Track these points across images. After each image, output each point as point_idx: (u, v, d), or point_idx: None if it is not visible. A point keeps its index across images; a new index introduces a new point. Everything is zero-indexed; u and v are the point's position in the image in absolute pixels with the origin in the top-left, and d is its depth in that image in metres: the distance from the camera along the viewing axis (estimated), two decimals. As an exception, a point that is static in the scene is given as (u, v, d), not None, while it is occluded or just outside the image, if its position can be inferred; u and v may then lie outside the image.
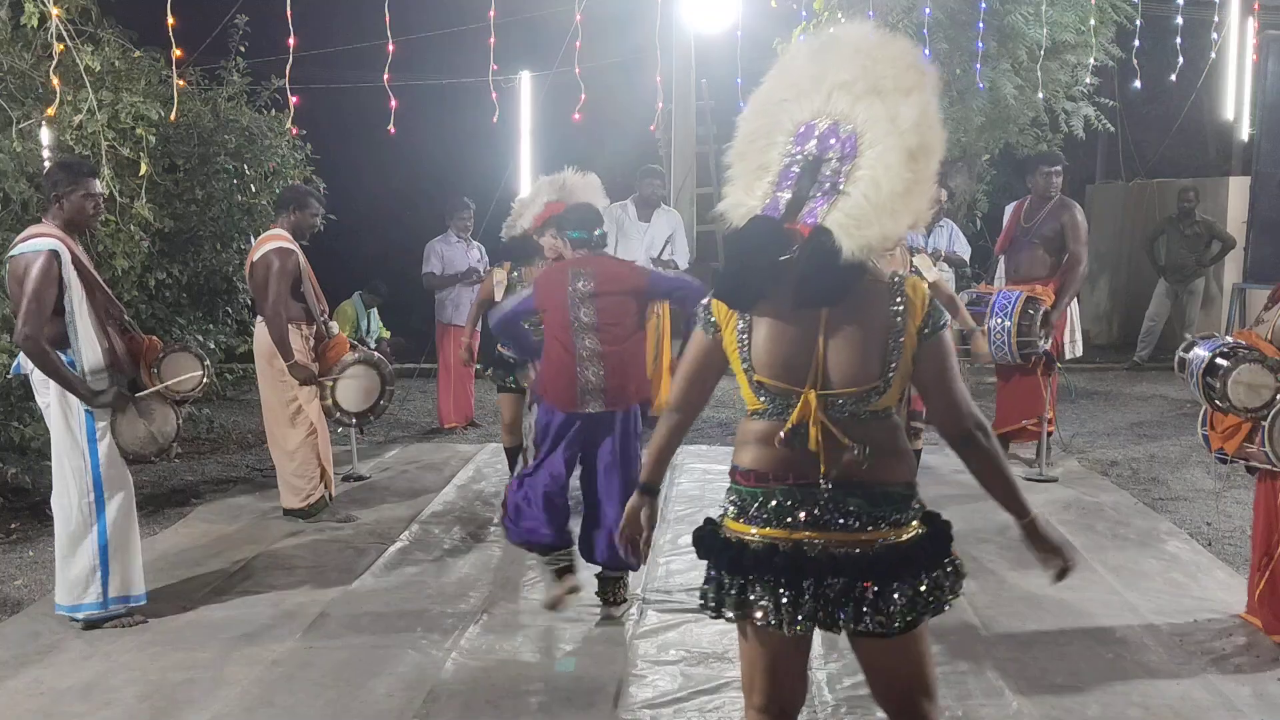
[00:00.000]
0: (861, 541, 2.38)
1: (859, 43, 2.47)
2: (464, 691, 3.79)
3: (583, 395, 4.35)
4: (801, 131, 2.45)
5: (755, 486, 2.46)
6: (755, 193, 2.48)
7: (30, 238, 4.19)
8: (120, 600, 4.34)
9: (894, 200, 2.34)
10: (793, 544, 2.40)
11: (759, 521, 2.44)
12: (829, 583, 2.36)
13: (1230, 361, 3.95)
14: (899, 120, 2.35)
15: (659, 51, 8.52)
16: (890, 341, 2.39)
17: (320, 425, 5.76)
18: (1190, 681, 3.81)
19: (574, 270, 4.44)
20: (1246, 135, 10.14)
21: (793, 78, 2.51)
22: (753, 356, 2.44)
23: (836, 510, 2.39)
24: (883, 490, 2.40)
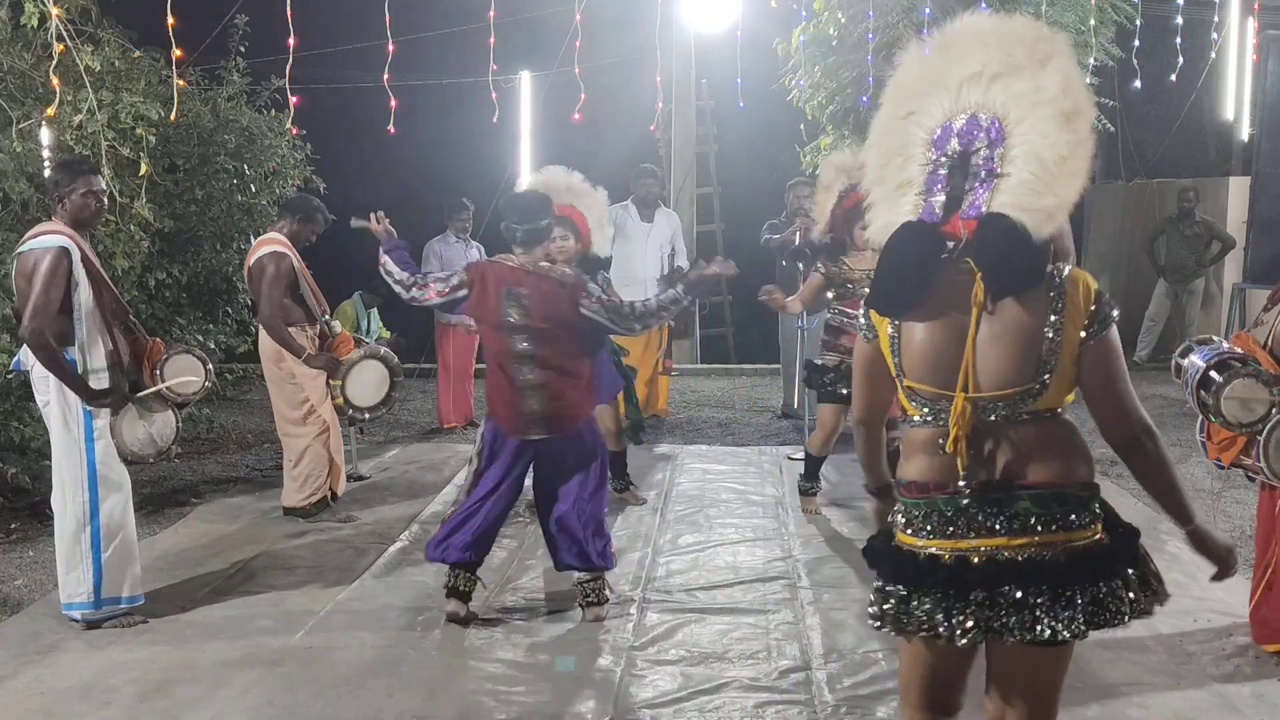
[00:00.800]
0: (1033, 546, 2.28)
1: (977, 32, 2.43)
2: (464, 691, 3.79)
3: (526, 423, 4.28)
4: (938, 136, 2.41)
5: (918, 498, 2.38)
6: (902, 208, 2.44)
7: (40, 234, 4.19)
8: (114, 601, 4.33)
9: (1060, 165, 2.28)
10: (957, 555, 2.30)
11: (924, 534, 2.36)
12: (1001, 591, 2.27)
13: (1224, 376, 3.90)
14: (1044, 90, 2.30)
15: (659, 51, 8.52)
16: (1047, 341, 2.30)
17: (333, 423, 5.77)
18: (1190, 682, 3.81)
19: (508, 290, 4.24)
20: (1246, 135, 10.14)
21: (910, 90, 2.49)
22: (904, 362, 2.39)
23: (1000, 515, 2.29)
24: (1053, 492, 2.30)
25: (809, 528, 5.67)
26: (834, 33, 8.73)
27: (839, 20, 8.64)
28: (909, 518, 2.40)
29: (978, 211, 2.32)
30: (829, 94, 8.92)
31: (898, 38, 8.26)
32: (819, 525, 5.72)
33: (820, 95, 9.00)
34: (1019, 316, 2.30)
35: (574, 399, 4.32)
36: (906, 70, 2.53)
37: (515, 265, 4.30)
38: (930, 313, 2.35)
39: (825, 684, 3.82)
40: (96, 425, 4.23)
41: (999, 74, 2.35)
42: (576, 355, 4.32)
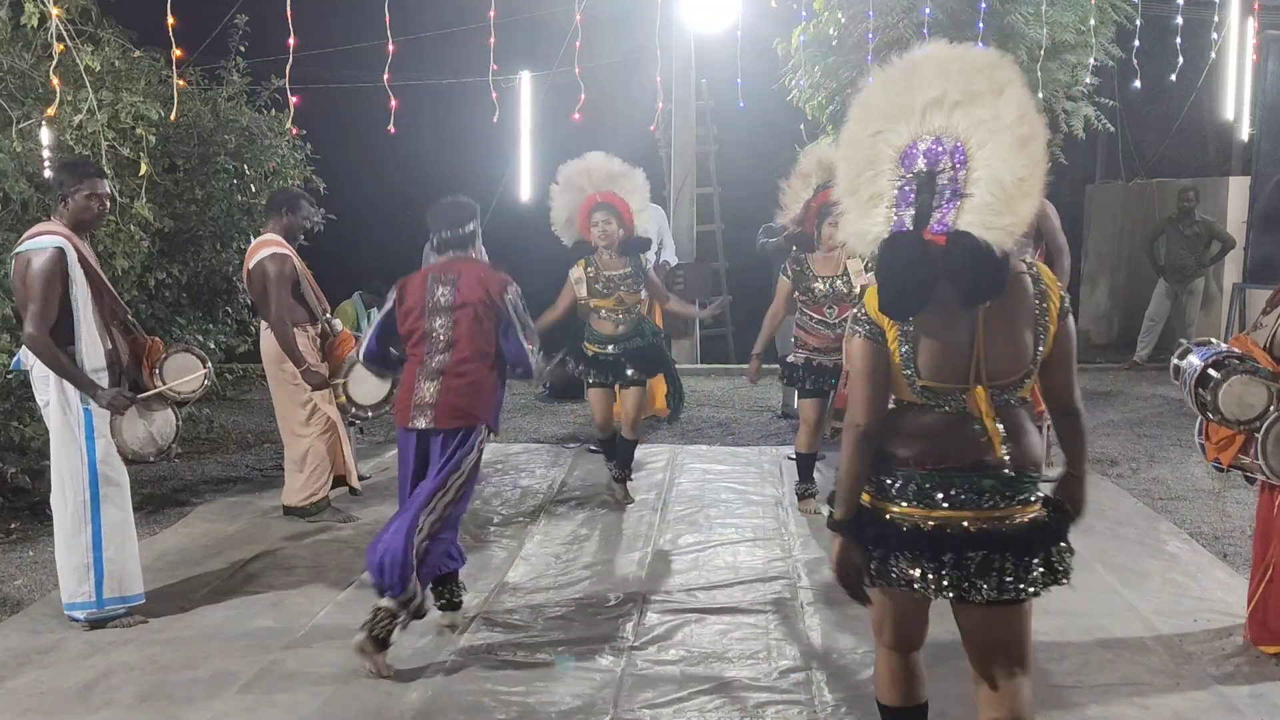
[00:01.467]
0: (997, 518, 2.61)
1: (939, 60, 2.65)
2: (464, 691, 3.79)
3: (415, 410, 4.11)
4: (906, 155, 2.64)
5: (909, 470, 2.68)
6: (876, 219, 2.67)
7: (36, 235, 4.19)
8: (117, 600, 4.33)
9: (1018, 186, 2.54)
10: (933, 522, 2.62)
11: (903, 500, 2.67)
12: (969, 556, 2.59)
13: (1222, 373, 3.91)
14: (1002, 117, 2.55)
15: (659, 51, 8.53)
16: (1038, 327, 2.64)
17: (337, 420, 5.76)
18: (1190, 682, 3.81)
19: (435, 276, 4.16)
20: (1246, 135, 10.12)
21: (878, 110, 2.69)
22: (917, 363, 2.64)
23: (969, 489, 2.62)
24: (1015, 474, 2.64)
25: (809, 528, 5.67)
26: (834, 33, 8.72)
27: (839, 20, 8.63)
28: (888, 486, 2.70)
29: (944, 227, 2.59)
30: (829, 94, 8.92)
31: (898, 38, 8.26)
32: (819, 525, 5.72)
33: (820, 95, 9.00)
34: (1014, 314, 2.62)
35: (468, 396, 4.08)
36: (872, 92, 2.74)
37: (444, 261, 4.24)
38: (936, 315, 2.61)
39: (825, 684, 3.83)
40: (97, 424, 4.23)
41: (960, 101, 2.58)
42: (486, 351, 4.12)
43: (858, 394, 2.70)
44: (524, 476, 6.85)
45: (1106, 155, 14.74)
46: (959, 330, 2.61)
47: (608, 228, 5.67)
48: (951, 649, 3.03)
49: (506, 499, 6.31)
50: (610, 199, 5.71)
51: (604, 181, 5.74)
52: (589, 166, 5.77)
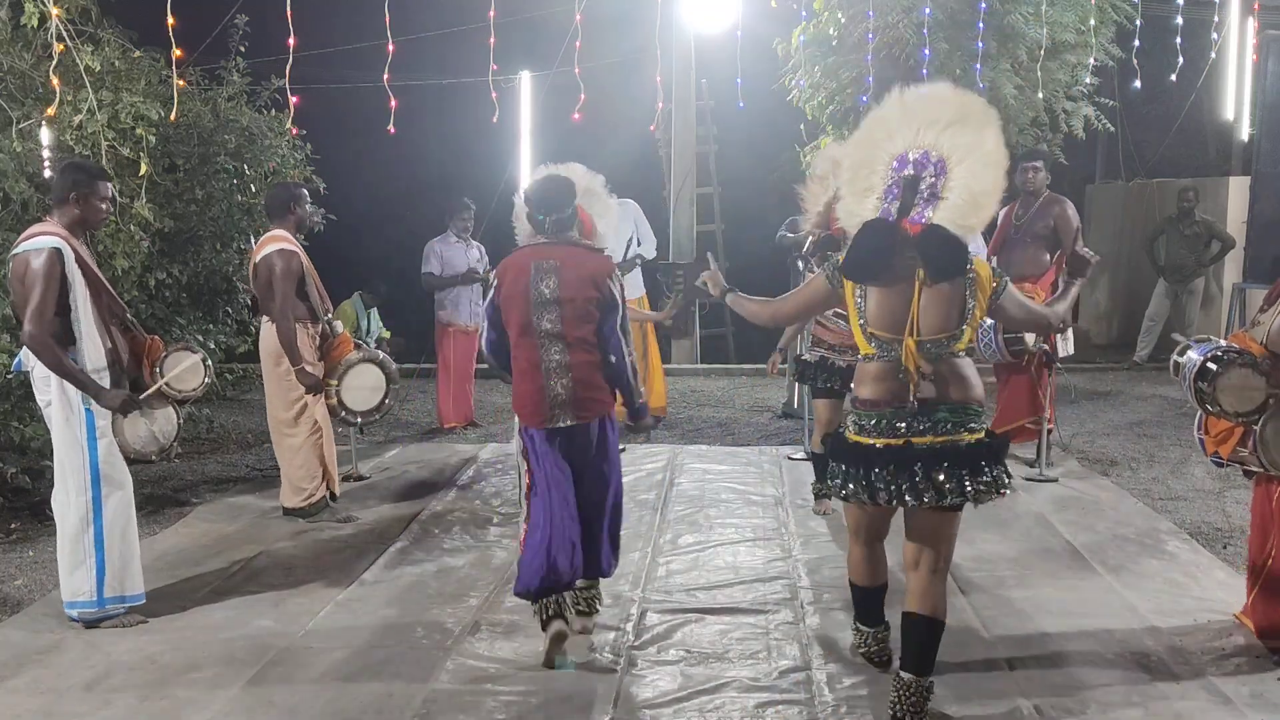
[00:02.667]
0: (950, 441, 3.37)
1: (943, 95, 3.49)
2: (464, 691, 3.79)
3: (552, 410, 4.02)
4: (898, 161, 3.44)
5: (870, 410, 3.46)
6: (866, 206, 3.49)
7: (33, 236, 4.19)
8: (117, 600, 4.34)
9: (985, 198, 3.37)
10: (899, 446, 3.39)
11: (875, 433, 3.43)
12: (922, 468, 3.34)
13: (1220, 366, 3.94)
14: (983, 144, 3.39)
15: (659, 51, 8.53)
16: (965, 301, 3.41)
17: (325, 425, 5.76)
18: (1190, 681, 3.81)
19: (538, 263, 4.02)
20: (1246, 135, 10.12)
21: (886, 124, 3.50)
22: (868, 314, 3.46)
23: (929, 420, 3.38)
24: (963, 406, 3.42)
25: (809, 528, 5.67)
26: (834, 33, 8.73)
27: (839, 20, 8.64)
28: (862, 424, 3.48)
29: (922, 220, 3.38)
30: (829, 94, 8.93)
31: (898, 38, 8.27)
32: (819, 525, 5.72)
33: (820, 95, 9.00)
34: (947, 289, 3.40)
35: (598, 383, 4.06)
36: (886, 108, 3.54)
37: (543, 243, 4.11)
38: (888, 282, 3.42)
39: (825, 684, 3.83)
40: (99, 425, 4.24)
41: (952, 123, 3.40)
42: (600, 336, 4.05)
43: (790, 304, 3.77)
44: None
45: (1106, 155, 14.75)
46: (901, 296, 3.41)
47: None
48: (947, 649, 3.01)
49: (507, 499, 6.31)
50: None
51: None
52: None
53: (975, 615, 4.42)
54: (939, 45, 8.23)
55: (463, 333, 8.24)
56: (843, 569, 5.01)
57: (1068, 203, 6.71)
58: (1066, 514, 5.85)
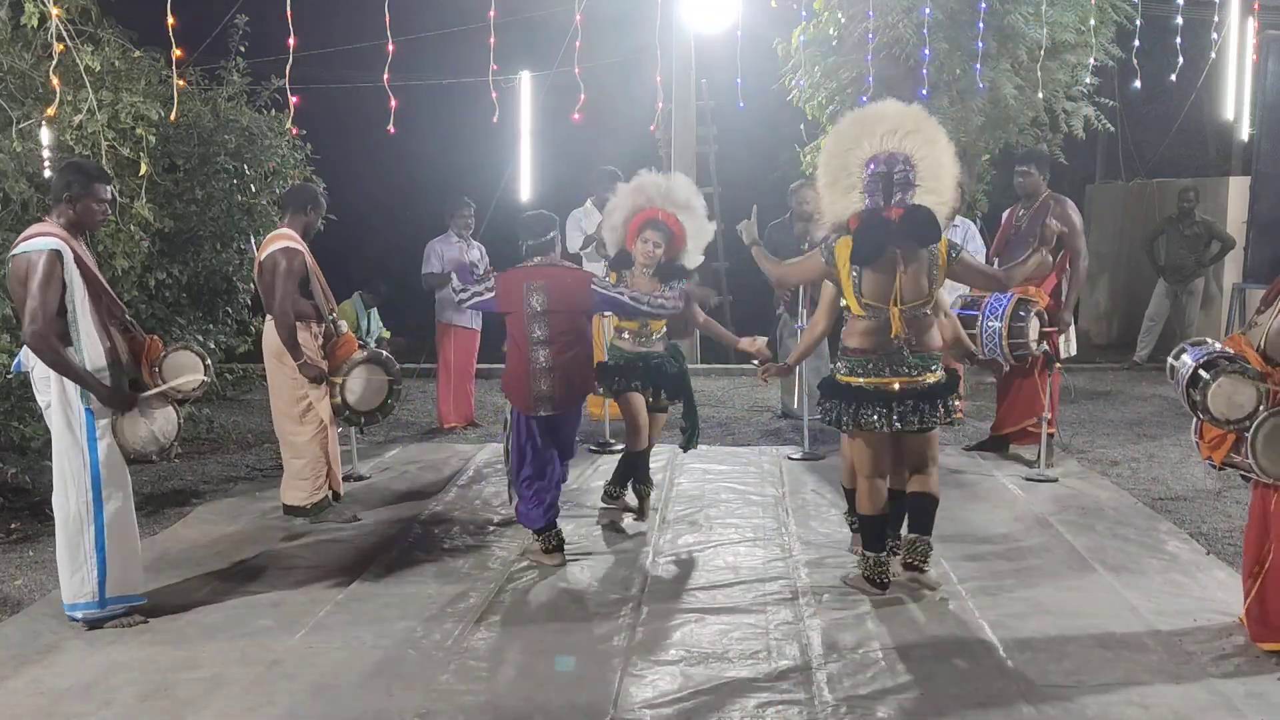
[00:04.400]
0: (918, 380, 4.50)
1: (895, 109, 4.47)
2: (464, 691, 3.79)
3: (536, 402, 5.01)
4: (870, 162, 4.39)
5: (860, 356, 4.52)
6: (851, 200, 4.43)
7: (32, 237, 4.19)
8: (119, 600, 4.34)
9: (949, 183, 4.44)
10: (883, 385, 4.49)
11: (863, 374, 4.51)
12: (907, 404, 4.46)
13: (1211, 374, 3.93)
14: (939, 139, 4.43)
15: (659, 51, 8.52)
16: (932, 271, 4.46)
17: (329, 423, 5.75)
18: (1190, 682, 3.81)
19: (528, 284, 4.97)
20: (1246, 135, 10.12)
21: (848, 137, 4.47)
22: (862, 287, 4.46)
23: (905, 365, 4.48)
24: (928, 354, 4.53)
25: (809, 528, 5.67)
26: (834, 33, 8.73)
27: (839, 20, 8.63)
28: (852, 368, 4.53)
29: (903, 204, 4.36)
30: (829, 94, 8.92)
31: (898, 38, 8.27)
32: (819, 525, 5.72)
33: (820, 95, 9.00)
34: (919, 265, 4.45)
35: (579, 379, 5.10)
36: (844, 124, 4.57)
37: (531, 266, 5.07)
38: (880, 262, 4.41)
39: (825, 684, 3.83)
40: (99, 425, 4.24)
41: (910, 131, 4.38)
42: (578, 340, 5.05)
43: (794, 271, 5.04)
44: (524, 476, 6.85)
45: (1106, 155, 14.75)
46: (887, 273, 4.41)
47: (655, 249, 5.49)
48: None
49: (506, 499, 6.30)
50: (671, 222, 5.54)
51: (676, 205, 5.57)
52: (671, 185, 5.60)
53: (975, 615, 4.42)
54: (939, 45, 8.23)
55: (463, 332, 8.24)
56: (843, 567, 5.04)
57: (1068, 202, 6.69)
58: (1066, 514, 5.85)
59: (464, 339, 8.27)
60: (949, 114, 8.34)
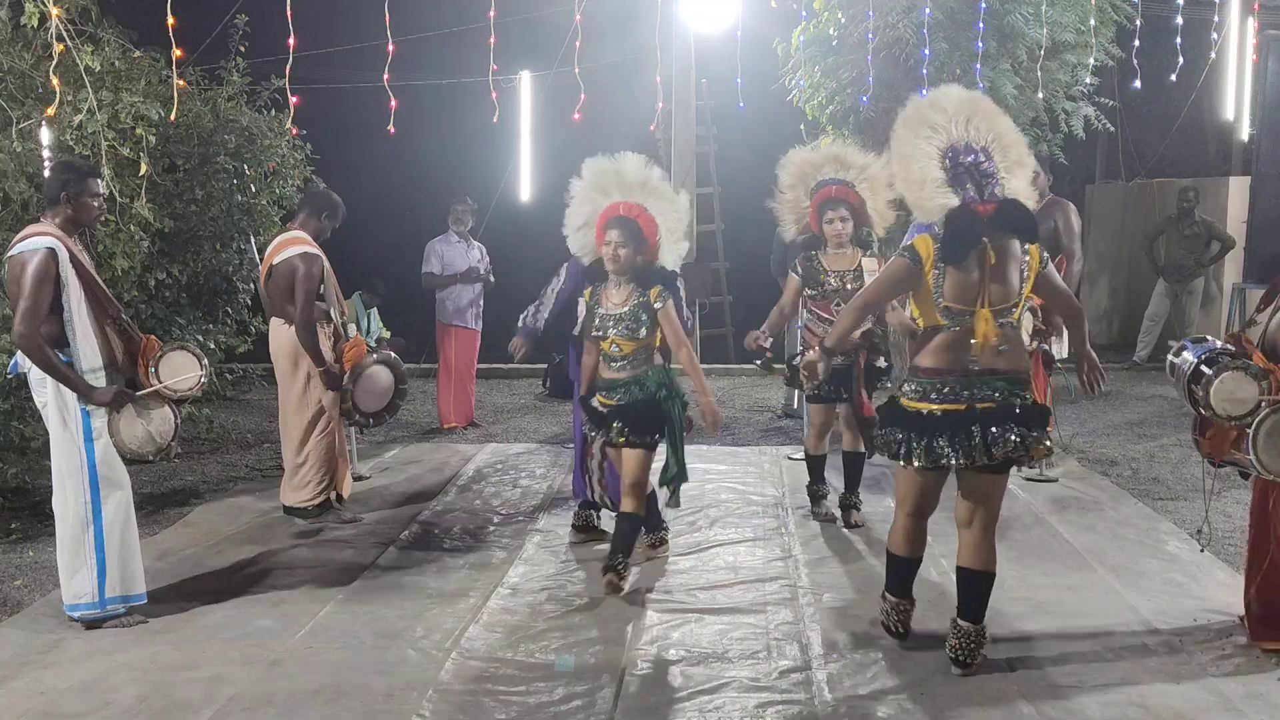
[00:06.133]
0: (1003, 406, 3.73)
1: (959, 94, 3.96)
2: (464, 691, 3.79)
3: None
4: (949, 154, 3.83)
5: (936, 378, 3.78)
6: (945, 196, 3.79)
7: (27, 237, 4.19)
8: (119, 600, 4.33)
9: (1023, 170, 3.92)
10: (962, 411, 3.73)
11: (938, 399, 3.76)
12: (991, 431, 3.68)
13: (1213, 369, 3.94)
14: (1008, 131, 3.93)
15: (659, 51, 8.52)
16: (1022, 273, 3.81)
17: (337, 425, 5.75)
18: (1190, 681, 3.81)
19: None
20: (1246, 135, 10.12)
21: (918, 128, 3.89)
22: (944, 289, 3.78)
23: (990, 386, 3.74)
24: (1015, 374, 3.78)
25: (809, 528, 5.67)
26: (834, 33, 8.72)
27: (839, 20, 8.62)
28: (924, 390, 3.79)
29: (994, 198, 3.75)
30: (829, 94, 8.91)
31: (898, 38, 8.26)
32: (819, 525, 5.72)
33: (820, 95, 8.99)
34: (1011, 263, 3.80)
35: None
36: (914, 110, 3.95)
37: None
38: (967, 261, 3.75)
39: (825, 684, 3.83)
40: (95, 425, 4.23)
41: (972, 119, 3.88)
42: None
43: (880, 284, 3.99)
44: (524, 477, 6.85)
45: (1106, 155, 14.73)
46: (974, 270, 3.74)
47: (619, 250, 4.66)
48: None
49: (506, 499, 6.31)
50: (635, 213, 4.71)
51: (634, 190, 4.78)
52: (620, 169, 4.83)
53: (975, 615, 4.42)
54: (939, 45, 8.22)
55: (464, 332, 8.24)
56: (843, 567, 5.04)
57: (1069, 206, 6.70)
58: (1066, 514, 5.85)
59: (464, 339, 8.27)
60: (949, 114, 8.33)
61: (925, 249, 3.81)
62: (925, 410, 3.76)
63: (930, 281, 3.80)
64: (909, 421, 3.81)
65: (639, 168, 4.82)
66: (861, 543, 5.45)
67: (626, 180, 4.80)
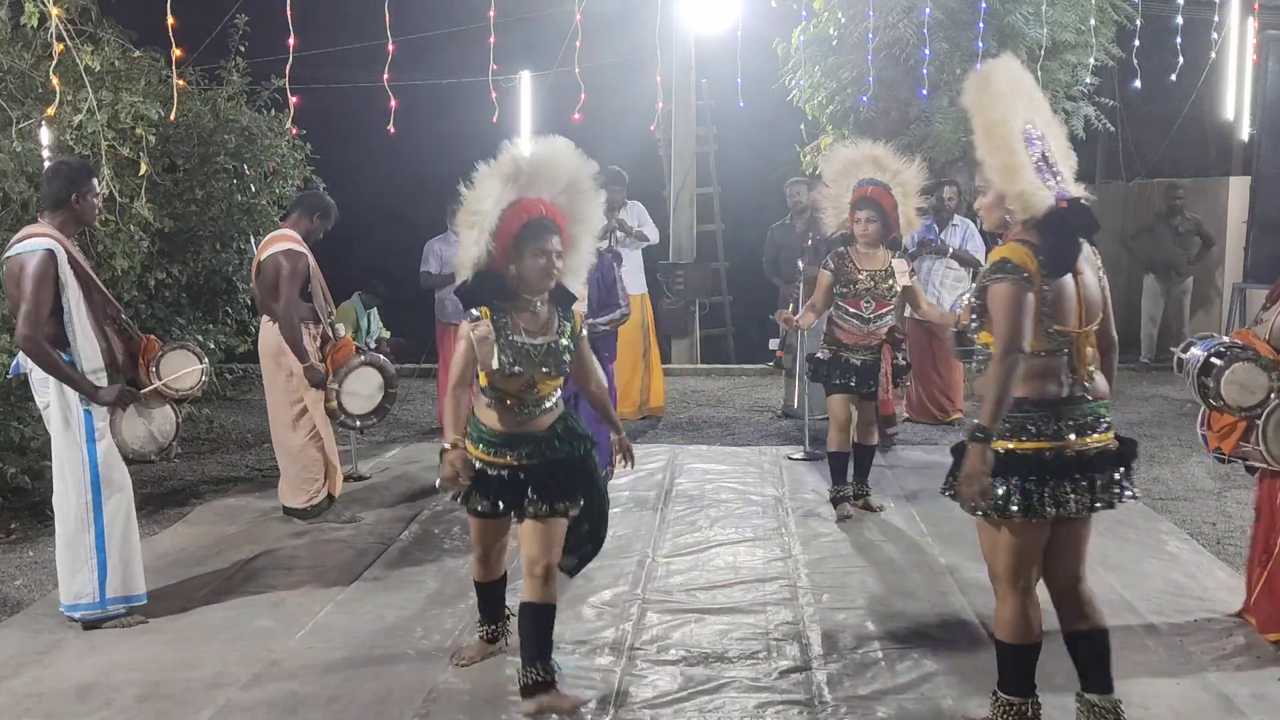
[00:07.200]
0: (1107, 439, 3.23)
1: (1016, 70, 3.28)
2: (464, 691, 3.79)
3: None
4: (1024, 137, 3.15)
5: (1038, 411, 3.16)
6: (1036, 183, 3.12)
7: (26, 238, 4.19)
8: (119, 600, 4.33)
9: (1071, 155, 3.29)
10: (1064, 450, 3.14)
11: (1046, 435, 3.14)
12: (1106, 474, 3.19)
13: (1224, 360, 3.95)
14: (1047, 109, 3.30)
15: (659, 51, 8.52)
16: (1101, 278, 3.28)
17: (324, 426, 5.75)
18: (1190, 681, 3.81)
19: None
20: (1246, 135, 10.13)
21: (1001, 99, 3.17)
22: (1053, 309, 3.13)
23: (1092, 416, 3.19)
24: (1105, 402, 3.25)
25: (809, 528, 5.67)
26: (834, 33, 8.73)
27: (839, 20, 8.64)
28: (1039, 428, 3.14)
29: (1064, 194, 3.13)
30: (829, 94, 8.92)
31: (898, 38, 8.27)
32: (819, 525, 5.72)
33: (820, 95, 9.00)
34: (1092, 273, 3.25)
35: None
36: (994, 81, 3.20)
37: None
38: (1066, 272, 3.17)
39: (825, 684, 3.82)
40: (97, 426, 4.23)
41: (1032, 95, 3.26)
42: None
43: (1013, 327, 3.08)
44: (524, 476, 6.85)
45: (1106, 155, 14.73)
46: (1069, 282, 3.15)
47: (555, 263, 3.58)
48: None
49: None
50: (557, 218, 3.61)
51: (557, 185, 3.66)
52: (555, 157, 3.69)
53: (975, 615, 4.42)
54: (939, 45, 8.23)
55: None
56: (843, 567, 5.03)
57: None
58: (1066, 514, 5.84)
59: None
60: (949, 114, 8.35)
61: (1027, 260, 3.10)
62: (1035, 450, 3.14)
63: (1039, 298, 3.13)
64: (1019, 466, 3.14)
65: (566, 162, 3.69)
66: (862, 543, 5.44)
67: (555, 172, 3.67)
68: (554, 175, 3.66)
